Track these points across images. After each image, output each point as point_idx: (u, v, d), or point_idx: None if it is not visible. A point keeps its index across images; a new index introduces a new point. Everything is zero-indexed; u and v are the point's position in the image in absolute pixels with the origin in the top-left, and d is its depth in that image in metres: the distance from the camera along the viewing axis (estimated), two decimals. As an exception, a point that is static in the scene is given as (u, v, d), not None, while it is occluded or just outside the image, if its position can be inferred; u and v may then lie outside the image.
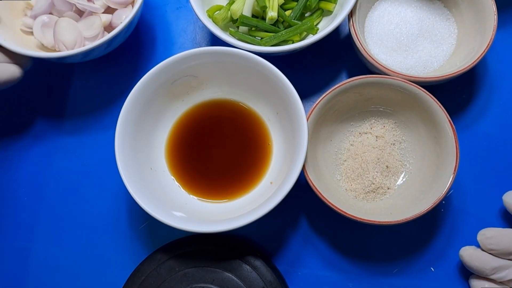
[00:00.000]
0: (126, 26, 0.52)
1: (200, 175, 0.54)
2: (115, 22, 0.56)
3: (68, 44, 0.54)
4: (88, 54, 0.53)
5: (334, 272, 0.52)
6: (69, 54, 0.51)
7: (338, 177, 0.53)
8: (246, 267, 0.49)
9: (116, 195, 0.56)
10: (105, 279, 0.53)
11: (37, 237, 0.55)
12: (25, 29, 0.57)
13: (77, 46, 0.54)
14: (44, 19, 0.56)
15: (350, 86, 0.50)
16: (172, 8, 0.64)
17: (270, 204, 0.45)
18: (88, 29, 0.55)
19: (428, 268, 0.52)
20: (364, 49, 0.52)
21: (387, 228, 0.53)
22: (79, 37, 0.55)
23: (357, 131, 0.54)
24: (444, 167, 0.48)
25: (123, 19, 0.55)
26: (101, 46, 0.52)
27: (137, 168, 0.50)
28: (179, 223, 0.46)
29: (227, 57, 0.51)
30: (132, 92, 0.50)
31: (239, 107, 0.56)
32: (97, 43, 0.51)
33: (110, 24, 0.57)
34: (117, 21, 0.56)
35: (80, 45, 0.55)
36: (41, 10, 0.56)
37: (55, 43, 0.55)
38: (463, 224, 0.53)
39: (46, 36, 0.56)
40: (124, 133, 0.49)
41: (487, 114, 0.57)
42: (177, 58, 0.51)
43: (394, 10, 0.57)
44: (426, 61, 0.55)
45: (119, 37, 0.54)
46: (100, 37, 0.56)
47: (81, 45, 0.55)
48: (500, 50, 0.58)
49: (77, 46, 0.54)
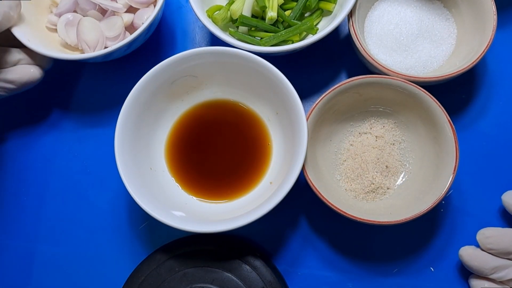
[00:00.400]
0: (147, 27, 0.53)
1: (200, 175, 0.54)
2: (136, 22, 0.56)
3: (91, 44, 0.55)
4: (109, 55, 0.53)
5: (333, 272, 0.52)
6: (91, 56, 0.52)
7: (337, 177, 0.53)
8: (246, 267, 0.49)
9: (115, 195, 0.56)
10: (104, 279, 0.53)
11: (37, 237, 0.55)
12: (50, 27, 0.58)
13: (99, 46, 0.55)
14: (68, 17, 0.56)
15: (350, 86, 0.50)
16: (173, 8, 0.63)
17: (270, 204, 0.45)
18: (110, 29, 0.55)
19: (428, 268, 0.52)
20: (363, 49, 0.52)
21: (386, 228, 0.53)
22: (101, 37, 0.55)
23: (357, 131, 0.54)
24: (443, 167, 0.48)
25: (144, 19, 0.55)
26: (122, 47, 0.53)
27: (137, 168, 0.50)
28: (178, 223, 0.46)
29: (227, 57, 0.51)
30: (132, 92, 0.50)
31: (239, 107, 0.56)
32: (119, 45, 0.52)
33: (131, 24, 0.57)
34: (139, 21, 0.56)
35: (102, 44, 0.55)
36: (66, 8, 0.57)
37: (78, 42, 0.55)
38: (462, 224, 0.53)
39: (70, 35, 0.56)
40: (123, 133, 0.49)
41: (486, 114, 0.57)
42: (177, 58, 0.51)
43: (393, 10, 0.57)
44: (425, 61, 0.55)
45: (140, 38, 0.54)
46: (122, 37, 0.56)
47: (103, 45, 0.55)
48: (500, 50, 0.58)
49: (99, 45, 0.55)
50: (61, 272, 0.54)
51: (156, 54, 0.61)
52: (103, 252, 0.54)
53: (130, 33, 0.57)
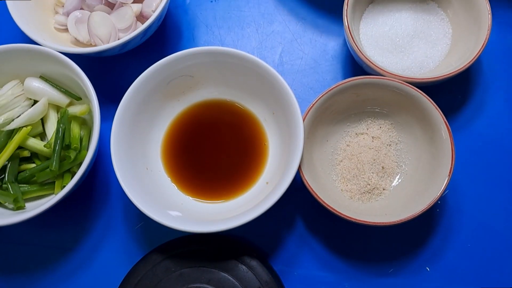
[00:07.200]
0: (161, 12, 0.53)
1: (196, 175, 0.54)
2: (145, 10, 0.56)
3: (103, 38, 0.55)
4: (125, 45, 0.54)
5: (329, 272, 0.52)
6: (108, 47, 0.52)
7: (334, 178, 0.53)
8: (242, 267, 0.49)
9: (111, 195, 0.56)
10: (100, 279, 0.53)
11: (32, 237, 0.55)
12: (59, 27, 0.58)
13: (111, 39, 0.55)
14: (77, 15, 0.57)
15: (347, 86, 0.50)
16: (172, 6, 0.63)
17: (266, 204, 0.45)
18: (121, 21, 0.56)
19: (424, 268, 0.52)
20: (359, 51, 0.52)
21: (382, 228, 0.53)
22: (113, 29, 0.55)
23: (354, 131, 0.54)
24: (439, 168, 0.48)
25: (153, 7, 0.55)
26: (138, 35, 0.53)
27: (132, 168, 0.49)
28: (174, 223, 0.46)
29: (223, 57, 0.51)
30: (128, 93, 0.50)
31: (235, 107, 0.56)
32: (135, 33, 0.52)
33: (141, 14, 0.57)
34: (148, 9, 0.56)
35: (114, 37, 0.55)
36: (72, 6, 0.57)
37: (90, 37, 0.56)
38: (458, 224, 0.53)
39: (81, 31, 0.56)
40: (119, 134, 0.49)
41: (482, 115, 0.57)
42: (173, 58, 0.51)
43: (388, 12, 0.57)
44: (421, 61, 0.55)
45: (154, 25, 0.54)
46: (133, 27, 0.56)
47: (115, 38, 0.55)
48: (495, 50, 0.59)
49: (111, 38, 0.55)
50: (57, 273, 0.53)
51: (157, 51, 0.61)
52: (98, 252, 0.54)
53: (141, 22, 0.57)
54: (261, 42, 0.61)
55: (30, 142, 0.52)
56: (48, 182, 0.52)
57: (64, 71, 0.52)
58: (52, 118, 0.53)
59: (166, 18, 0.61)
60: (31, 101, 0.54)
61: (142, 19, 0.57)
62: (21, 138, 0.50)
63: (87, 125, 0.55)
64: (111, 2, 0.57)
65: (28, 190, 0.51)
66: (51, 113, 0.54)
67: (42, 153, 0.52)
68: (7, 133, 0.51)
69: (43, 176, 0.51)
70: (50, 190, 0.52)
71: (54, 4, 0.59)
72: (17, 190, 0.50)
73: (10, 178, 0.51)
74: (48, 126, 0.53)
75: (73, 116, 0.53)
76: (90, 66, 0.59)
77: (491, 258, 0.52)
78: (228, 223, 0.45)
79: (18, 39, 0.60)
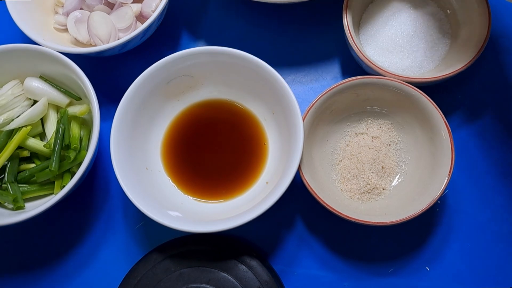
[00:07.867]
0: (161, 11, 0.53)
1: (196, 175, 0.54)
2: (145, 10, 0.56)
3: (103, 38, 0.55)
4: (125, 45, 0.54)
5: (329, 271, 0.52)
6: (108, 47, 0.52)
7: (333, 177, 0.53)
8: (242, 267, 0.49)
9: (111, 195, 0.56)
10: (100, 279, 0.53)
11: (32, 237, 0.55)
12: (58, 27, 0.58)
13: (111, 39, 0.55)
14: (76, 15, 0.57)
15: (347, 86, 0.50)
16: (172, 6, 0.63)
17: (266, 204, 0.45)
18: (121, 21, 0.56)
19: (424, 268, 0.52)
20: (359, 51, 0.52)
21: (382, 227, 0.53)
22: (113, 29, 0.55)
23: (353, 131, 0.54)
24: (439, 168, 0.48)
25: (153, 7, 0.56)
26: (137, 36, 0.53)
27: (132, 168, 0.49)
28: (174, 223, 0.46)
29: (223, 57, 0.51)
30: (127, 93, 0.50)
31: (235, 107, 0.56)
32: (135, 33, 0.52)
33: (140, 13, 0.57)
34: (147, 9, 0.56)
35: (114, 37, 0.55)
36: (72, 6, 0.57)
37: (90, 37, 0.56)
38: (458, 224, 0.53)
39: (81, 31, 0.56)
40: (119, 133, 0.49)
41: (482, 115, 0.57)
42: (172, 58, 0.51)
43: (388, 12, 0.57)
44: (421, 61, 0.55)
45: (154, 24, 0.54)
46: (133, 27, 0.56)
47: (115, 38, 0.55)
48: (495, 50, 0.59)
49: (111, 38, 0.55)
50: (57, 273, 0.53)
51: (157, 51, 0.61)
52: (98, 252, 0.54)
53: (141, 22, 0.57)
54: (261, 42, 0.61)
55: (30, 142, 0.52)
56: (47, 182, 0.52)
57: (64, 71, 0.52)
58: (52, 118, 0.53)
59: (166, 18, 0.61)
60: (31, 101, 0.54)
61: (142, 19, 0.57)
62: (21, 138, 0.50)
63: (87, 125, 0.55)
64: (111, 2, 0.57)
65: (28, 190, 0.51)
66: (51, 113, 0.54)
67: (41, 153, 0.52)
68: (7, 133, 0.51)
69: (42, 176, 0.51)
70: (49, 190, 0.52)
71: (54, 4, 0.59)
72: (17, 190, 0.51)
73: (10, 178, 0.51)
74: (48, 126, 0.53)
75: (73, 116, 0.53)
76: (90, 66, 0.59)
77: (491, 258, 0.52)
78: (228, 223, 0.45)
79: (18, 39, 0.60)
